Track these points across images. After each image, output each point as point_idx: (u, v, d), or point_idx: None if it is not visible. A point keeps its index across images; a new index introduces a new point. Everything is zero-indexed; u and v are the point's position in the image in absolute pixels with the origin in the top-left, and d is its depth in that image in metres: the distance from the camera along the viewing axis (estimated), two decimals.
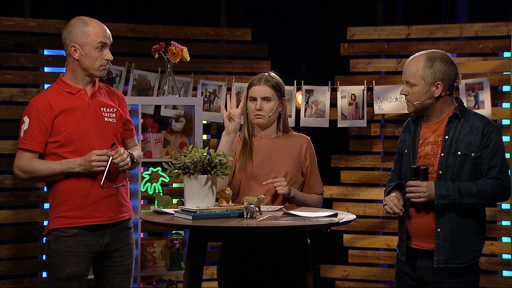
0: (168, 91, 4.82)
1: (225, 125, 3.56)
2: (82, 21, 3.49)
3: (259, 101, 3.58)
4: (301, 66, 6.28)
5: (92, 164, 3.37)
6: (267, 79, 3.61)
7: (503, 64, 5.14)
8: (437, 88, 3.32)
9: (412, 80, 3.34)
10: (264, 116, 3.59)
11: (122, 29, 5.22)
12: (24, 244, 5.06)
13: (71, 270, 3.45)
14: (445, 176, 3.30)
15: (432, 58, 3.34)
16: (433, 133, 3.38)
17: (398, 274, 3.51)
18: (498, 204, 5.22)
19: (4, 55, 5.00)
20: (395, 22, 5.75)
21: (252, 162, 3.61)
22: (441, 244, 3.30)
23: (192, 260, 3.22)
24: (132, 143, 3.71)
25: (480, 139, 3.30)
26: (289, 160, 3.61)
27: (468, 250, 3.33)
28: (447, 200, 3.25)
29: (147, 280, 5.22)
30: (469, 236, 3.33)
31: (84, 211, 3.45)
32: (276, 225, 3.06)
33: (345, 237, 5.56)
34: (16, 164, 3.48)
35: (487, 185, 3.28)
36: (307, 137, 3.71)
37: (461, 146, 3.30)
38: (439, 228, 3.31)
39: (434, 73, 3.32)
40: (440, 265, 3.30)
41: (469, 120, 3.34)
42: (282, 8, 6.12)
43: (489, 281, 5.24)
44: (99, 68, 3.49)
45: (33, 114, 3.45)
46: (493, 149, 3.30)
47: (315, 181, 3.69)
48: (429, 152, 3.37)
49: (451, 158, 3.30)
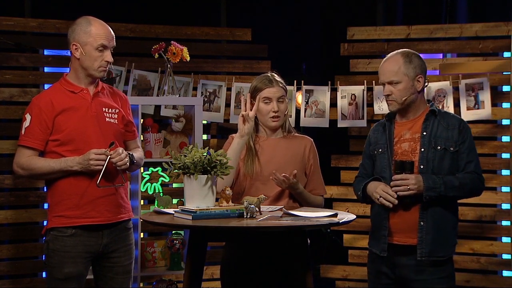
0: (168, 91, 4.82)
1: (239, 127, 3.56)
2: (87, 21, 3.49)
3: (275, 102, 3.61)
4: (301, 66, 6.28)
5: (90, 163, 3.37)
6: (277, 80, 3.65)
7: (503, 64, 5.13)
8: (418, 82, 3.47)
9: (395, 78, 3.45)
10: (280, 117, 3.63)
11: (122, 29, 5.22)
12: (24, 244, 5.06)
13: (69, 270, 3.45)
14: (426, 170, 3.39)
15: (408, 54, 3.48)
16: (408, 130, 3.49)
17: (373, 274, 3.55)
18: (498, 204, 5.23)
19: (4, 55, 5.00)
20: (395, 22, 5.75)
21: (258, 163, 3.62)
22: (424, 237, 3.37)
23: (192, 260, 3.22)
24: (134, 144, 3.71)
25: (457, 135, 3.43)
26: (294, 161, 3.63)
27: (447, 243, 3.42)
28: (435, 192, 3.33)
29: (147, 280, 5.23)
30: (448, 230, 3.44)
31: (81, 210, 3.45)
32: (276, 225, 3.06)
33: (345, 237, 5.56)
34: (15, 161, 3.49)
35: (466, 179, 3.40)
36: (310, 139, 3.74)
37: (440, 141, 3.42)
38: (422, 222, 3.38)
39: (415, 68, 3.46)
40: (423, 257, 3.37)
41: (445, 117, 3.49)
42: (282, 8, 6.12)
43: (489, 281, 5.24)
44: (98, 69, 3.49)
45: (34, 112, 3.46)
46: (469, 145, 3.45)
47: (317, 182, 3.70)
48: (407, 148, 3.46)
49: (431, 153, 3.41)
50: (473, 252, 5.25)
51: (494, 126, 5.26)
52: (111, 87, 3.69)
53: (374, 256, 3.51)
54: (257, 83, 3.65)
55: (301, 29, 6.23)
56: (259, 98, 3.60)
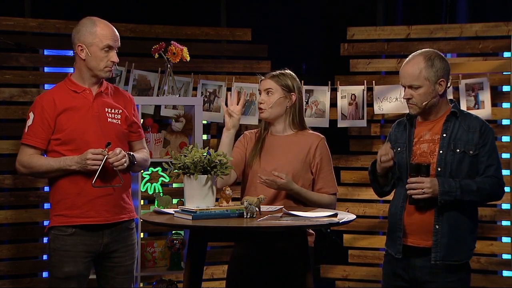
0: (168, 91, 4.82)
1: (225, 121, 3.63)
2: (91, 21, 3.50)
3: (262, 93, 3.66)
4: (301, 66, 6.28)
5: (87, 162, 3.38)
6: (273, 74, 3.67)
7: (503, 64, 5.14)
8: (440, 86, 3.36)
9: (416, 82, 3.34)
10: (265, 109, 3.63)
11: (122, 29, 5.18)
12: (24, 244, 5.05)
13: (69, 269, 3.45)
14: (444, 173, 3.32)
15: (430, 57, 3.36)
16: (429, 131, 3.40)
17: (388, 275, 3.49)
18: (498, 204, 5.23)
19: (4, 55, 5.00)
20: (395, 22, 5.75)
21: (260, 160, 3.63)
22: (439, 240, 3.32)
23: (192, 260, 3.22)
24: (139, 145, 3.71)
25: (478, 138, 3.34)
26: (294, 159, 3.60)
27: (463, 248, 3.36)
28: (450, 196, 3.26)
29: (147, 280, 5.23)
30: (465, 234, 3.36)
31: (80, 210, 3.46)
32: (276, 225, 3.06)
33: (345, 237, 5.56)
34: (18, 159, 3.53)
35: (485, 183, 3.31)
36: (320, 136, 3.68)
37: (460, 144, 3.33)
38: (437, 225, 3.32)
39: (437, 71, 3.34)
40: (437, 261, 3.31)
41: (466, 119, 3.39)
42: (282, 8, 6.12)
43: (489, 281, 5.24)
44: (104, 69, 3.50)
45: (37, 111, 3.49)
46: (490, 148, 3.36)
47: (326, 180, 3.64)
48: (426, 150, 3.38)
49: (449, 156, 3.33)
50: (473, 252, 5.24)
51: (494, 126, 5.25)
52: (116, 87, 3.69)
53: (389, 257, 3.46)
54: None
55: (301, 29, 6.22)
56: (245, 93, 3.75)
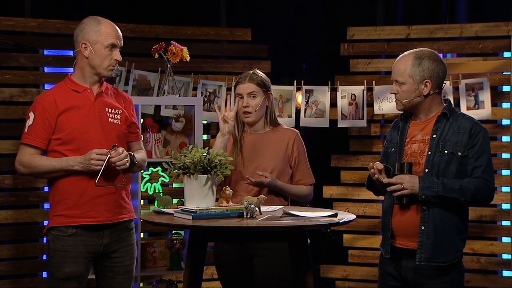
0: (168, 91, 4.82)
1: (220, 127, 3.68)
2: (96, 20, 3.52)
3: (245, 97, 3.71)
4: (301, 66, 6.28)
5: (91, 163, 3.38)
6: (251, 77, 3.74)
7: (503, 64, 5.13)
8: (425, 86, 3.35)
9: (400, 78, 3.38)
10: (251, 113, 3.71)
11: (122, 29, 5.10)
12: (24, 244, 5.05)
13: (69, 270, 3.45)
14: (431, 174, 3.31)
15: (420, 56, 3.37)
16: (420, 131, 3.40)
17: (381, 275, 3.50)
18: (498, 204, 5.23)
19: (4, 55, 5.00)
20: (395, 22, 5.75)
21: (243, 159, 3.70)
22: (424, 241, 3.30)
23: (192, 260, 3.22)
24: (137, 146, 3.71)
25: (467, 139, 3.31)
26: (275, 155, 3.69)
27: (449, 249, 3.32)
28: (431, 192, 3.24)
29: (147, 280, 5.22)
30: (451, 235, 3.33)
31: (81, 210, 3.46)
32: (276, 225, 3.06)
33: (345, 237, 5.56)
34: (17, 159, 3.51)
35: (470, 184, 3.28)
36: (295, 131, 3.80)
37: (448, 145, 3.31)
38: (423, 226, 3.30)
39: (423, 71, 3.34)
40: (422, 262, 3.29)
41: (457, 120, 3.36)
42: (282, 8, 6.12)
43: (489, 281, 5.24)
44: (107, 67, 3.51)
45: (38, 110, 3.48)
46: (479, 149, 3.31)
47: (303, 172, 3.76)
48: (416, 150, 3.38)
49: (437, 157, 3.31)
50: (473, 252, 5.25)
51: (494, 126, 5.25)
52: (115, 88, 3.70)
53: (382, 257, 3.47)
54: (236, 80, 3.80)
55: (301, 29, 6.23)
56: (235, 95, 3.75)
